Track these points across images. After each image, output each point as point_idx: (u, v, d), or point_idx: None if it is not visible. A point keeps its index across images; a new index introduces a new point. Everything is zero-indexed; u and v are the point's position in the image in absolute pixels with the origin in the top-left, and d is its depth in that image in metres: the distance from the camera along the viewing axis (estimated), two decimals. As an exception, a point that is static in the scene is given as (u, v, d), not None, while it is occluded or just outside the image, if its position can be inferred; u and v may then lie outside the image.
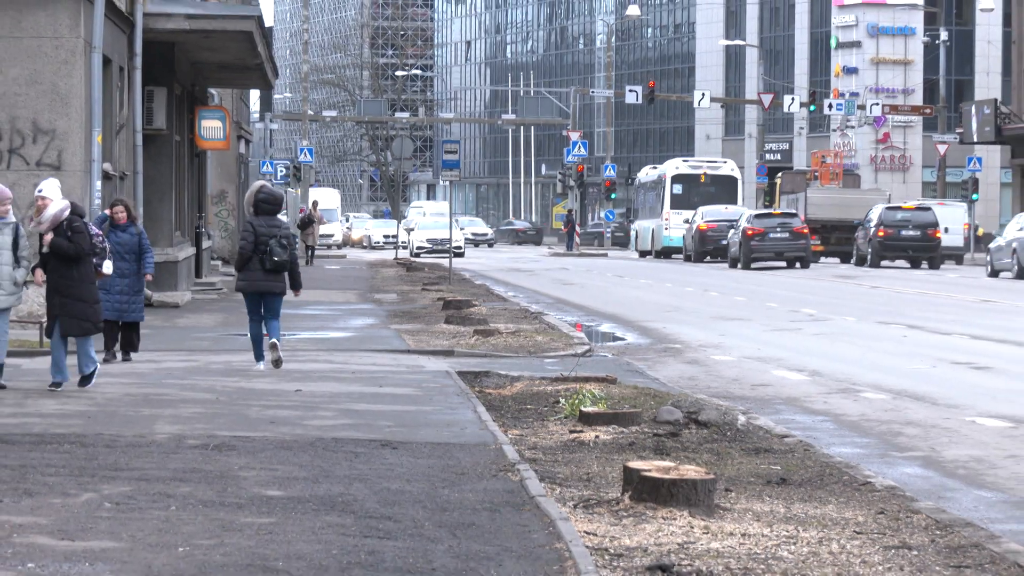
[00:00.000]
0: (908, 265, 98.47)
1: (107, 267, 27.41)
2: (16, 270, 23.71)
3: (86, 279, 24.51)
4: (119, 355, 31.57)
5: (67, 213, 24.30)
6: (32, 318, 34.19)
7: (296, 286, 32.74)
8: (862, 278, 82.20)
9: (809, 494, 18.62)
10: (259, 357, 32.13)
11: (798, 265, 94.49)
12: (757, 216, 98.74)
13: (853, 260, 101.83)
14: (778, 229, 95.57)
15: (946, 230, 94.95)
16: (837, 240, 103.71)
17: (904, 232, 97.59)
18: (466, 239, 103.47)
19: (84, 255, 25.11)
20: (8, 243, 23.65)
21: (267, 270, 31.92)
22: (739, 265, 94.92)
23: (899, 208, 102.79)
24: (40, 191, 24.20)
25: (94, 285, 25.24)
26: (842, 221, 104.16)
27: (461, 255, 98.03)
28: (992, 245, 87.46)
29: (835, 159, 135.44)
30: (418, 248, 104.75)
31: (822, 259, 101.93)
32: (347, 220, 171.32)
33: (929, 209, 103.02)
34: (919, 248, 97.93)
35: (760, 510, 17.46)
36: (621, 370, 32.89)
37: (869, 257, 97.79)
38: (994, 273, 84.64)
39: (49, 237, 24.10)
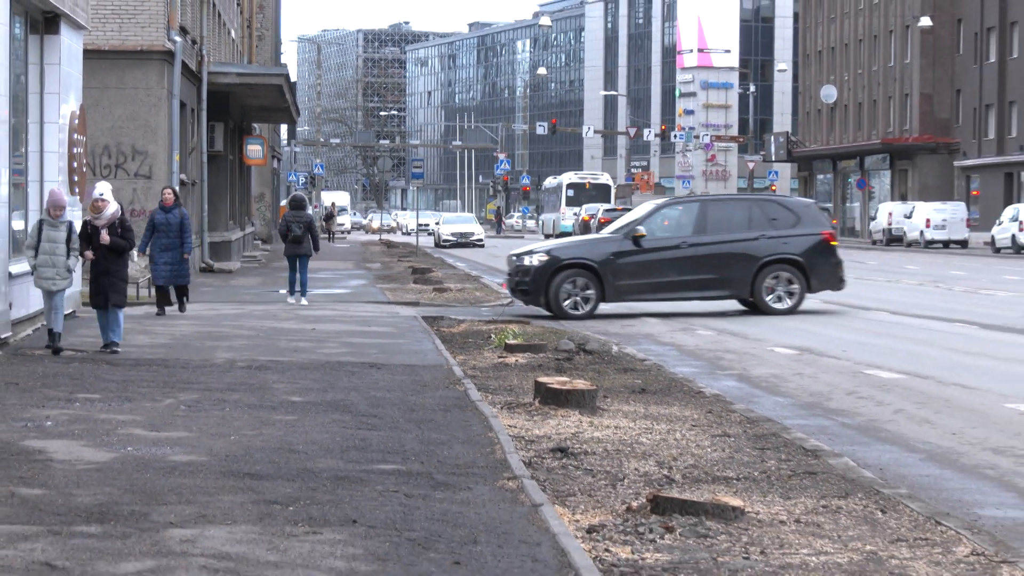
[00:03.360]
0: None
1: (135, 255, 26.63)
2: (68, 259, 21.94)
3: (125, 264, 22.91)
4: (167, 311, 29.78)
5: (120, 214, 22.74)
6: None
7: (315, 248, 34.48)
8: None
9: (660, 399, 18.35)
10: (292, 293, 34.35)
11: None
12: (607, 210, 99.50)
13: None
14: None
15: None
16: None
17: None
18: (452, 233, 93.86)
19: (133, 247, 23.64)
20: (63, 238, 21.87)
21: (290, 241, 33.76)
22: None
23: None
24: (101, 194, 22.53)
25: (127, 269, 23.40)
26: None
27: (482, 246, 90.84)
28: None
29: (647, 177, 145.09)
30: (444, 240, 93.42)
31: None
32: (366, 214, 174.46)
33: None
34: None
35: (627, 410, 17.30)
36: (532, 315, 32.77)
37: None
38: None
39: (105, 233, 22.27)
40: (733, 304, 33.87)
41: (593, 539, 10.61)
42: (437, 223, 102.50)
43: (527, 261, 32.75)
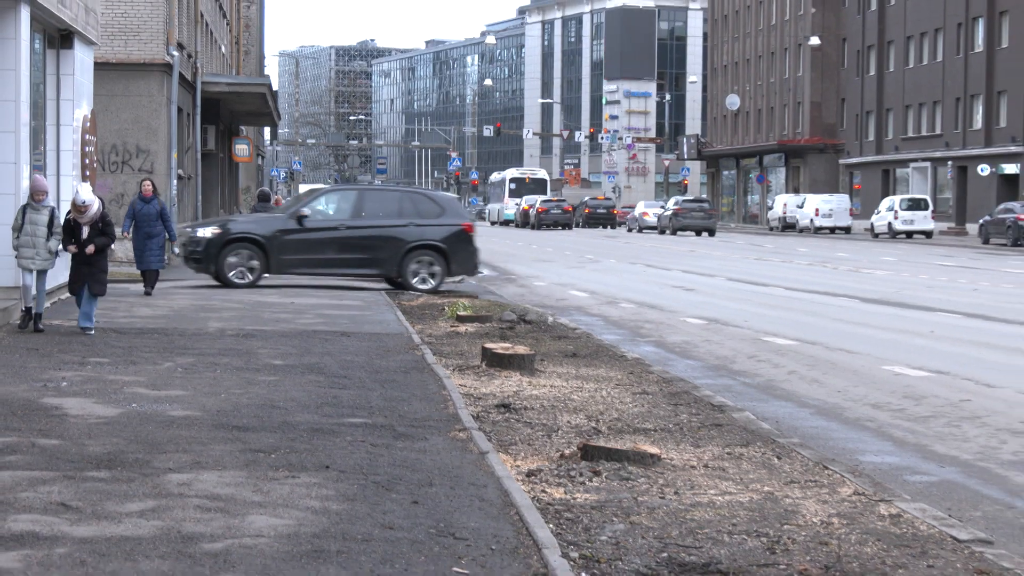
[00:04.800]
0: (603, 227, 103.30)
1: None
2: (49, 241, 20.50)
3: (105, 256, 21.22)
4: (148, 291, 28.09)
5: (101, 211, 20.95)
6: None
7: None
8: (620, 237, 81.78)
9: (589, 362, 18.33)
10: None
11: (564, 228, 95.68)
12: (544, 200, 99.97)
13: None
14: (555, 208, 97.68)
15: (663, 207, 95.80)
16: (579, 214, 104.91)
17: (598, 212, 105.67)
18: None
19: (114, 241, 22.18)
20: (45, 221, 20.48)
21: None
22: (539, 228, 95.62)
23: (597, 199, 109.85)
24: (84, 200, 20.53)
25: (107, 260, 21.56)
26: (582, 205, 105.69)
27: None
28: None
29: (576, 173, 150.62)
30: None
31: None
32: None
33: (610, 200, 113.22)
34: (606, 218, 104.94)
35: (561, 372, 17.26)
36: (480, 291, 32.29)
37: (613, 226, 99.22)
38: (674, 232, 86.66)
39: (92, 247, 20.49)
40: (647, 280, 33.88)
41: (532, 482, 10.64)
42: None
43: (200, 233, 31.66)
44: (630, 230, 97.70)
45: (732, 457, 11.87)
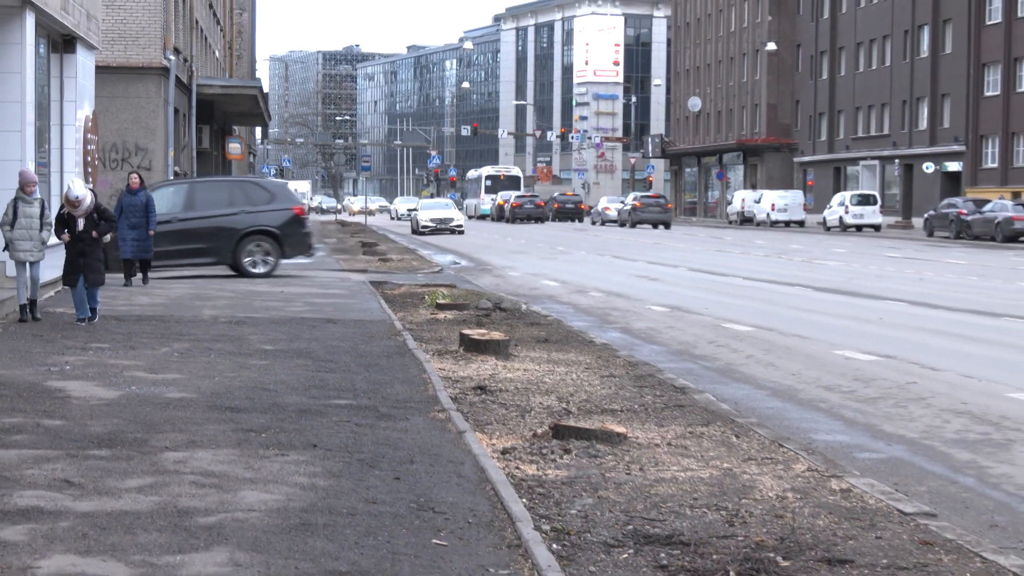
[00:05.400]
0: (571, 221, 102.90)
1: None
2: (42, 232, 19.89)
3: (100, 247, 20.48)
4: (134, 282, 27.66)
5: (94, 202, 20.36)
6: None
7: None
8: (590, 230, 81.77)
9: (560, 347, 18.30)
10: None
11: (536, 222, 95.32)
12: (518, 196, 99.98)
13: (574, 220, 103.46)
14: (528, 203, 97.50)
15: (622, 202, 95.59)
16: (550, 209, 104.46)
17: (567, 206, 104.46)
18: (432, 220, 72.21)
19: (114, 226, 21.73)
20: (37, 213, 19.82)
21: None
22: (513, 222, 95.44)
23: (566, 195, 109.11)
24: (76, 196, 20.05)
25: (101, 251, 20.63)
26: (552, 200, 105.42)
27: (462, 232, 69.89)
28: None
29: (548, 170, 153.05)
30: (423, 227, 71.50)
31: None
32: (345, 198, 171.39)
33: (578, 195, 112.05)
34: (574, 213, 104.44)
35: (534, 356, 17.26)
36: (458, 280, 32.30)
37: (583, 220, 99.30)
38: (633, 225, 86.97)
39: (82, 222, 19.95)
40: (614, 271, 33.86)
41: (506, 459, 10.65)
42: (414, 209, 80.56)
43: None
44: (593, 223, 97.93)
45: (693, 436, 11.88)
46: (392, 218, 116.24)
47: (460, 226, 70.81)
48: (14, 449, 10.44)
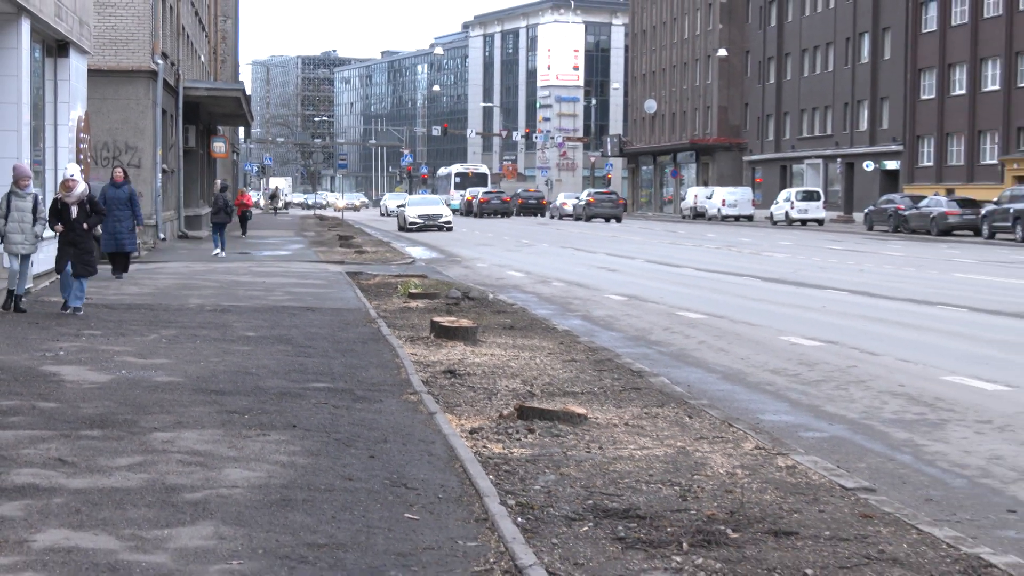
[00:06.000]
0: (533, 215, 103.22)
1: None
2: (35, 226, 19.35)
3: (91, 239, 19.95)
4: (111, 274, 26.74)
5: (88, 192, 20.01)
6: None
7: (229, 219, 38.34)
8: (552, 224, 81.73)
9: (525, 334, 18.32)
10: (216, 246, 36.44)
11: (502, 216, 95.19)
12: (485, 192, 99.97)
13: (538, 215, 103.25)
14: (495, 199, 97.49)
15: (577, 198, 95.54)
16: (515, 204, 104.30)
17: (530, 202, 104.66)
18: (420, 216, 65.28)
19: (104, 218, 21.14)
20: (30, 207, 19.29)
21: (214, 213, 36.76)
22: (481, 217, 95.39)
23: (528, 192, 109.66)
24: (71, 175, 19.81)
25: (92, 242, 20.11)
26: (516, 196, 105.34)
27: (451, 229, 64.54)
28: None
29: (513, 168, 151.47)
30: (410, 223, 64.92)
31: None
32: (330, 193, 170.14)
33: (540, 192, 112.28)
34: (537, 208, 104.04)
35: (500, 342, 17.27)
36: (429, 271, 32.35)
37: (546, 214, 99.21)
38: (587, 219, 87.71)
39: (75, 211, 19.51)
40: (575, 262, 33.84)
41: (474, 438, 10.64)
42: (401, 205, 72.75)
43: None
44: (552, 217, 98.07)
45: (649, 416, 11.89)
46: (382, 214, 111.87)
47: (449, 222, 65.68)
48: (11, 430, 10.38)
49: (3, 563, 6.72)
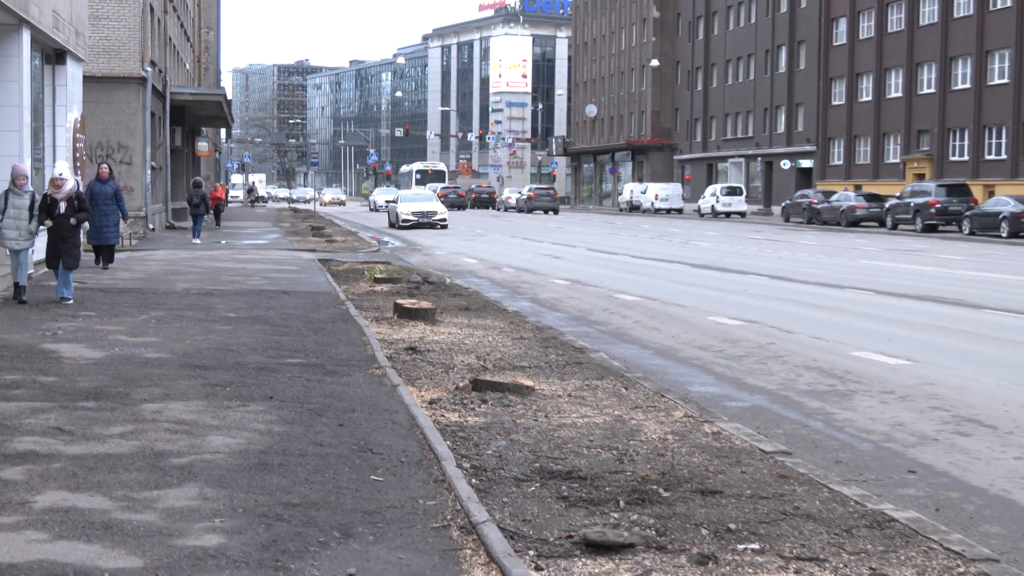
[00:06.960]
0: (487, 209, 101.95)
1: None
2: (31, 223, 18.68)
3: (78, 234, 19.26)
4: (104, 264, 26.16)
5: (77, 189, 19.40)
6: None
7: (207, 211, 38.67)
8: (502, 216, 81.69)
9: (479, 315, 18.30)
10: (194, 236, 36.64)
11: (459, 209, 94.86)
12: (443, 187, 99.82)
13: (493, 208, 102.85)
14: (452, 193, 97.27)
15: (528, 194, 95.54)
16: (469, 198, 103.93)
17: (482, 196, 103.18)
18: (413, 213, 56.11)
19: (90, 216, 20.91)
20: (27, 205, 18.60)
21: (192, 206, 37.11)
22: None
23: (481, 187, 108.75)
24: (60, 173, 19.15)
25: (78, 236, 19.38)
26: (471, 191, 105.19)
27: (445, 227, 55.98)
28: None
29: (468, 165, 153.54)
30: (403, 220, 55.91)
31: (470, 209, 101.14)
32: (318, 189, 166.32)
33: (491, 187, 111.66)
34: (488, 201, 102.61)
35: (456, 322, 17.25)
36: (393, 258, 32.36)
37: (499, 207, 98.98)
38: (529, 211, 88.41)
39: (63, 206, 18.93)
40: (524, 250, 33.85)
41: (433, 408, 10.63)
42: (392, 201, 62.91)
43: None
44: (499, 210, 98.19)
45: (590, 388, 11.91)
46: (371, 210, 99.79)
47: (444, 220, 56.50)
48: (13, 402, 10.33)
49: (6, 522, 6.68)
